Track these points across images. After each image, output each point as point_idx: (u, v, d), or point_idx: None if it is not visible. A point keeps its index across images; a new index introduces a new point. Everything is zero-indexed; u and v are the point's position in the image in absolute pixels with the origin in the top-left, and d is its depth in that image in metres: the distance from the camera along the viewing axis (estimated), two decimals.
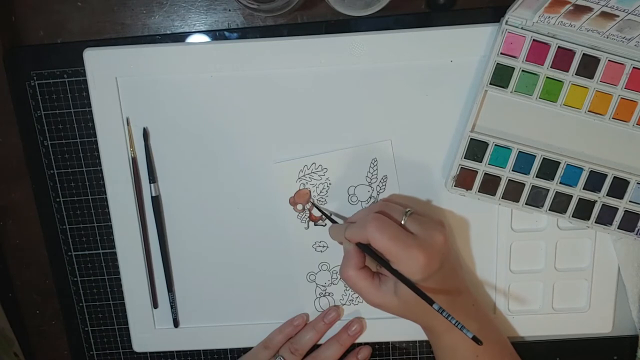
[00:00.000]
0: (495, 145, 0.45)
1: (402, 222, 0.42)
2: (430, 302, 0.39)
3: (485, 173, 0.46)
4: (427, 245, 0.40)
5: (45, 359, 0.55)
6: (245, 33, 0.47)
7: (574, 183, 0.46)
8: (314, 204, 0.49)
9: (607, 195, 0.46)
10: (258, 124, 0.47)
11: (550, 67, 0.43)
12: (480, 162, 0.46)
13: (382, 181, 0.48)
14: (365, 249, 0.42)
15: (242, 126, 0.48)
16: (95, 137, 0.48)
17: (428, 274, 0.40)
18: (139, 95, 0.47)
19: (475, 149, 0.45)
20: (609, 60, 0.43)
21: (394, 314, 0.44)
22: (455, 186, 0.47)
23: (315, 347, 0.51)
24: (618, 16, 0.39)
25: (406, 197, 0.49)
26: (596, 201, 0.46)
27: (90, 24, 0.47)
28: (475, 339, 0.37)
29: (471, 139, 0.45)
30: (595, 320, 0.50)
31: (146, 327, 0.52)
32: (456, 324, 0.38)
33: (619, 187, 0.45)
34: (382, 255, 0.41)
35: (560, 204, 0.46)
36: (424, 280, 0.40)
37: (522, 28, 0.43)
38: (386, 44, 0.45)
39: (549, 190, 0.46)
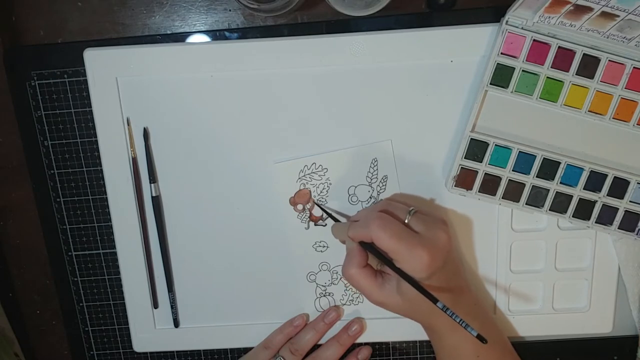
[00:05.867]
0: (496, 145, 0.45)
1: (406, 221, 0.42)
2: (435, 301, 0.39)
3: (485, 173, 0.46)
4: (430, 243, 0.40)
5: (45, 359, 0.55)
6: (245, 33, 0.47)
7: (574, 183, 0.46)
8: (316, 203, 0.49)
9: (607, 195, 0.46)
10: (258, 123, 0.47)
11: (551, 67, 0.43)
12: (481, 162, 0.46)
13: (382, 181, 0.48)
14: (369, 247, 0.42)
15: (242, 126, 0.48)
16: (96, 137, 0.48)
17: (431, 273, 0.40)
18: (139, 95, 0.47)
19: (476, 149, 0.45)
20: (609, 60, 0.43)
21: (396, 312, 0.44)
22: (455, 186, 0.47)
23: (316, 347, 0.51)
24: (618, 16, 0.39)
25: (409, 195, 0.49)
26: (596, 201, 0.46)
27: (90, 24, 0.47)
28: (480, 337, 0.37)
29: (471, 139, 0.45)
30: (595, 320, 0.50)
31: (146, 327, 0.52)
32: (460, 323, 0.38)
33: (620, 187, 0.45)
34: (385, 254, 0.41)
35: (560, 204, 0.46)
36: (427, 279, 0.40)
37: (522, 28, 0.43)
38: (386, 44, 0.45)
39: (549, 190, 0.46)
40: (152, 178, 0.49)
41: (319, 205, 0.49)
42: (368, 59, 0.45)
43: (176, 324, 0.52)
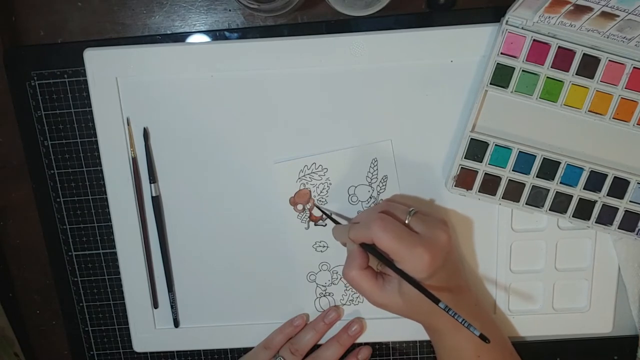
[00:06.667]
0: (496, 145, 0.45)
1: (406, 222, 0.42)
2: (436, 301, 0.39)
3: (485, 173, 0.46)
4: (431, 243, 0.40)
5: (45, 359, 0.55)
6: (245, 33, 0.47)
7: (575, 183, 0.46)
8: (316, 206, 0.49)
9: (607, 195, 0.46)
10: (258, 124, 0.47)
11: (551, 67, 0.43)
12: (481, 162, 0.46)
13: (382, 181, 0.48)
14: (369, 249, 0.42)
15: (242, 126, 0.48)
16: (95, 137, 0.48)
17: (432, 272, 0.40)
18: (139, 95, 0.47)
19: (476, 149, 0.45)
20: (609, 60, 0.43)
21: (397, 314, 0.43)
22: (455, 186, 0.47)
23: (316, 347, 0.51)
24: (618, 16, 0.39)
25: (409, 196, 0.49)
26: (596, 201, 0.46)
27: (90, 24, 0.47)
28: (482, 336, 0.37)
29: (471, 139, 0.45)
30: (595, 320, 0.50)
31: (146, 327, 0.52)
32: (463, 322, 0.38)
33: (620, 187, 0.45)
34: (386, 255, 0.41)
35: (560, 204, 0.46)
36: (427, 279, 0.40)
37: (522, 28, 0.43)
38: (386, 44, 0.45)
39: (549, 190, 0.46)
40: (152, 178, 0.49)
41: (319, 208, 0.49)
42: (368, 59, 0.45)
43: (176, 324, 0.52)
